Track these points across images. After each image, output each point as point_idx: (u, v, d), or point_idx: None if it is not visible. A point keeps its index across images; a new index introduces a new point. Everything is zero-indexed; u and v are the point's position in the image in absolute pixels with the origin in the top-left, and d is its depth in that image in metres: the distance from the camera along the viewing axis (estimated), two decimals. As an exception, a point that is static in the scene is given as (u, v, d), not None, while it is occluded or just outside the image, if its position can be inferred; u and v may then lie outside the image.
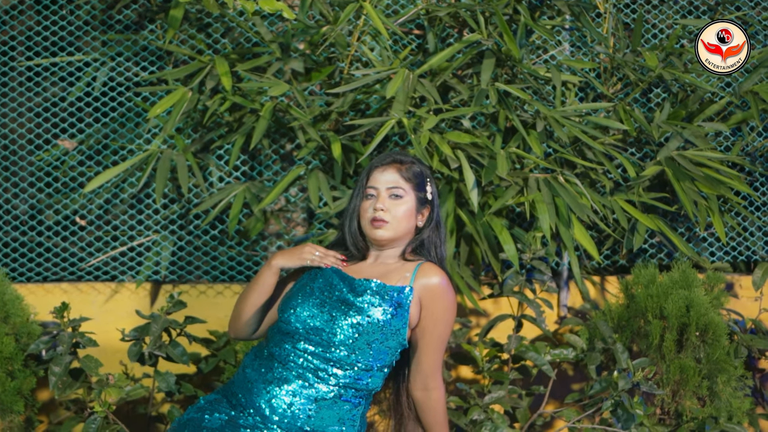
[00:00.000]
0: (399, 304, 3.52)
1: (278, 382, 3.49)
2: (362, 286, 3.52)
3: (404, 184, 3.61)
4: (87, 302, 5.15)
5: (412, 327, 3.57)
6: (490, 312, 5.42)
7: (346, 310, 3.49)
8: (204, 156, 5.16)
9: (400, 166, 3.63)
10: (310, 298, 3.54)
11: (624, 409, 4.67)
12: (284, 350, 3.52)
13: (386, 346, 3.52)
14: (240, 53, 5.09)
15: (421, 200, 3.64)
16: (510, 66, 5.11)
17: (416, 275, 3.56)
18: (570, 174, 4.97)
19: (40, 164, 5.23)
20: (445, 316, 3.58)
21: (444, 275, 3.58)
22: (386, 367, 3.56)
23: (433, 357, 3.61)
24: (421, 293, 3.55)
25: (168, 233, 5.26)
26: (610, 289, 5.57)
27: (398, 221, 3.59)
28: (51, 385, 4.47)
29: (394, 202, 3.59)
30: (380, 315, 3.50)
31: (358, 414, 3.55)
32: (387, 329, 3.50)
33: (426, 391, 3.62)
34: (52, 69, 5.23)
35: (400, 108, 4.78)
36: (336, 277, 3.57)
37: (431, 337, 3.58)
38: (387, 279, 3.57)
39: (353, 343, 3.49)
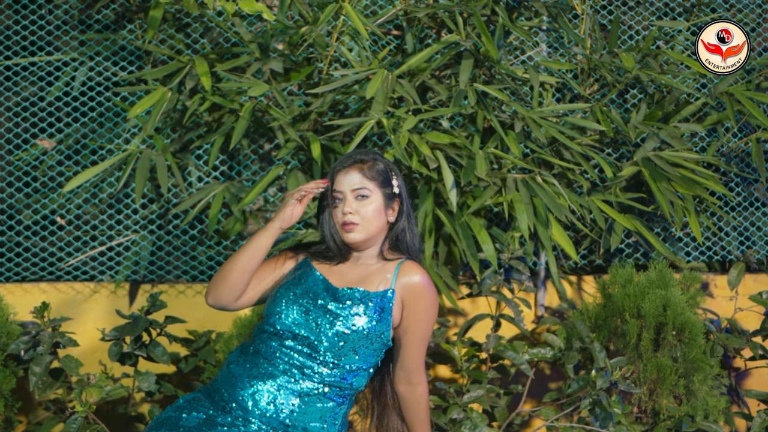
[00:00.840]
0: (382, 308, 3.54)
1: (263, 377, 3.51)
2: (345, 295, 3.54)
3: (369, 183, 3.61)
4: (66, 302, 5.14)
5: (395, 326, 3.60)
6: (468, 311, 5.45)
7: (331, 319, 3.50)
8: (183, 156, 5.17)
9: (362, 165, 3.63)
10: (293, 304, 3.55)
11: (602, 408, 4.70)
12: (270, 347, 3.53)
13: (372, 350, 3.55)
14: (219, 53, 5.10)
15: (389, 195, 3.64)
16: (488, 67, 5.13)
17: (397, 275, 3.57)
18: (548, 174, 5.00)
19: (19, 164, 5.21)
20: (427, 314, 3.61)
21: (425, 273, 3.60)
22: (372, 367, 3.59)
23: (417, 353, 3.64)
24: (402, 293, 3.57)
25: (147, 233, 5.26)
26: (587, 288, 5.61)
27: (368, 221, 3.60)
28: (31, 385, 4.46)
29: (362, 203, 3.60)
30: (365, 323, 3.51)
31: (340, 413, 3.57)
32: (372, 335, 3.52)
33: (410, 386, 3.66)
34: (30, 68, 5.21)
35: (379, 108, 4.80)
36: (320, 286, 3.57)
37: (414, 335, 3.61)
38: (369, 282, 3.58)
39: (339, 350, 3.51)
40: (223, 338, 4.80)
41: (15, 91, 5.21)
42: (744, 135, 5.77)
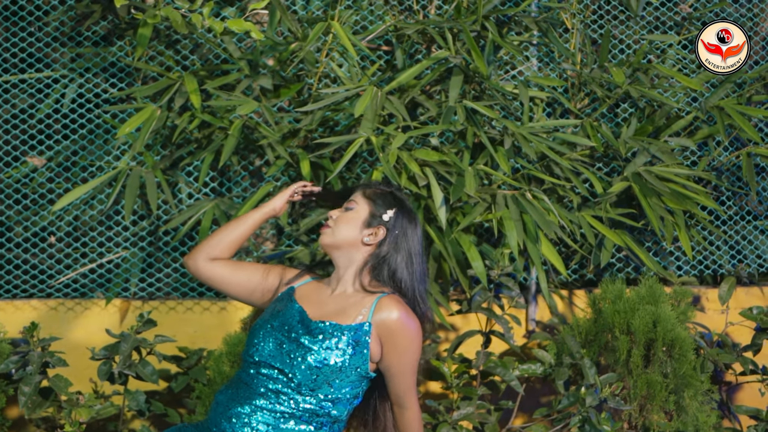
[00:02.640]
0: (356, 342, 3.52)
1: (241, 400, 3.53)
2: (318, 329, 3.53)
3: (360, 199, 3.65)
4: (57, 319, 5.15)
5: (375, 361, 3.58)
6: (459, 327, 5.45)
7: (303, 353, 3.51)
8: (173, 173, 5.17)
9: (367, 188, 3.68)
10: (269, 336, 3.57)
11: (591, 425, 4.70)
12: (249, 374, 3.56)
13: (348, 382, 3.54)
14: (209, 70, 5.10)
15: (375, 217, 3.63)
16: (478, 82, 5.13)
17: (374, 310, 3.55)
18: (538, 190, 5.00)
19: (9, 181, 5.21)
20: (408, 350, 3.57)
21: (402, 307, 3.55)
22: (351, 399, 3.58)
23: (404, 383, 3.62)
24: (379, 330, 3.54)
25: (137, 250, 5.27)
26: (579, 303, 5.61)
27: (338, 227, 3.62)
28: (21, 404, 4.47)
29: (344, 214, 3.64)
30: (337, 358, 3.50)
31: None
32: (346, 369, 3.52)
33: (400, 408, 3.66)
34: (20, 85, 5.21)
35: (368, 126, 4.80)
36: (296, 318, 3.58)
37: (398, 369, 3.59)
38: (345, 315, 3.56)
39: (313, 383, 3.51)
40: (213, 356, 4.80)
41: (5, 108, 5.21)
42: (735, 149, 5.77)
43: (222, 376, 4.69)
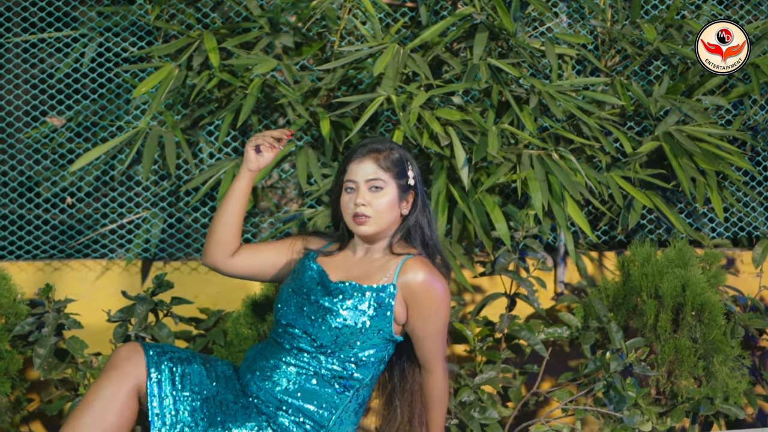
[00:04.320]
0: (379, 303, 3.48)
1: (268, 355, 3.56)
2: (338, 289, 3.49)
3: (383, 175, 3.54)
4: (77, 280, 5.11)
5: (401, 323, 3.53)
6: (486, 289, 5.35)
7: (324, 314, 3.49)
8: (194, 132, 5.10)
9: (378, 155, 3.57)
10: (291, 300, 3.58)
11: (615, 390, 4.60)
12: (278, 333, 3.58)
13: (371, 344, 3.51)
14: (230, 28, 5.01)
15: (404, 187, 3.58)
16: (505, 39, 5.01)
17: (400, 272, 3.51)
18: (565, 150, 4.88)
19: (29, 141, 5.17)
20: (435, 311, 3.54)
21: (428, 269, 3.51)
22: (376, 362, 3.54)
23: (431, 346, 3.59)
24: (404, 292, 3.50)
25: (158, 210, 5.21)
26: (609, 265, 5.48)
27: (380, 215, 3.54)
28: (36, 366, 4.45)
29: (375, 195, 3.54)
30: (358, 318, 3.47)
31: (341, 404, 3.53)
32: (367, 331, 3.48)
33: (426, 373, 3.66)
34: (40, 45, 5.16)
35: (389, 84, 4.70)
36: (315, 279, 3.56)
37: (424, 332, 3.55)
38: (370, 278, 3.53)
39: (334, 344, 3.49)
40: (231, 317, 4.74)
41: (24, 68, 5.16)
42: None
43: (240, 338, 4.64)
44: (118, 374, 3.45)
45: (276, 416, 3.50)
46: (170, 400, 3.47)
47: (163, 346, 3.59)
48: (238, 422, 3.48)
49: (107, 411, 3.41)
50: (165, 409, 3.47)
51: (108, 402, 3.41)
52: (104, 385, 3.43)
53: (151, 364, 3.48)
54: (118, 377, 3.45)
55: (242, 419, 3.49)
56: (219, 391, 3.54)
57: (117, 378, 3.44)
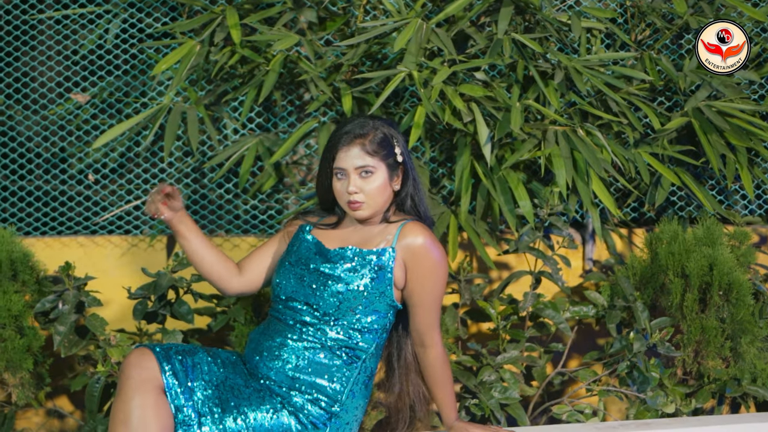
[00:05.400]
0: (379, 266, 3.54)
1: (273, 334, 3.59)
2: (338, 255, 3.53)
3: (371, 160, 3.58)
4: (103, 256, 5.13)
5: (401, 288, 3.58)
6: (513, 267, 5.30)
7: (325, 280, 3.53)
8: (217, 108, 5.07)
9: (363, 140, 3.60)
10: (289, 273, 3.61)
11: (639, 371, 4.54)
12: (278, 310, 3.61)
13: (373, 309, 3.55)
14: (254, 3, 4.97)
15: (392, 166, 3.63)
16: (532, 13, 4.92)
17: (399, 236, 3.58)
18: (592, 126, 4.80)
19: (54, 118, 5.18)
20: (432, 275, 3.58)
21: (428, 233, 3.58)
22: (379, 330, 3.58)
23: (426, 316, 3.62)
24: (404, 254, 3.56)
25: (183, 186, 5.21)
26: (638, 242, 5.40)
27: (373, 198, 3.59)
28: (56, 343, 4.47)
29: (366, 180, 3.58)
30: (359, 281, 3.52)
31: (350, 375, 3.56)
32: (370, 294, 3.53)
33: (423, 348, 3.68)
34: (64, 21, 5.15)
35: (411, 60, 4.64)
36: (312, 250, 3.60)
37: (420, 298, 3.59)
38: (368, 243, 3.60)
39: (337, 311, 3.53)
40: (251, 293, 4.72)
41: (48, 44, 5.16)
42: (807, 82, 5.47)
43: (261, 315, 4.63)
44: (136, 382, 3.46)
45: (290, 396, 3.52)
46: (187, 392, 3.48)
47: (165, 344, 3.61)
48: (253, 405, 3.49)
49: (146, 420, 3.42)
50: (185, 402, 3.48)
51: (141, 411, 3.42)
52: (129, 398, 3.44)
53: (161, 359, 3.49)
54: (138, 385, 3.45)
55: (257, 402, 3.50)
56: (228, 376, 3.55)
57: (137, 386, 3.45)
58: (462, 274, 4.95)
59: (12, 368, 4.52)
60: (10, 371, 4.52)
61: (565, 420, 4.59)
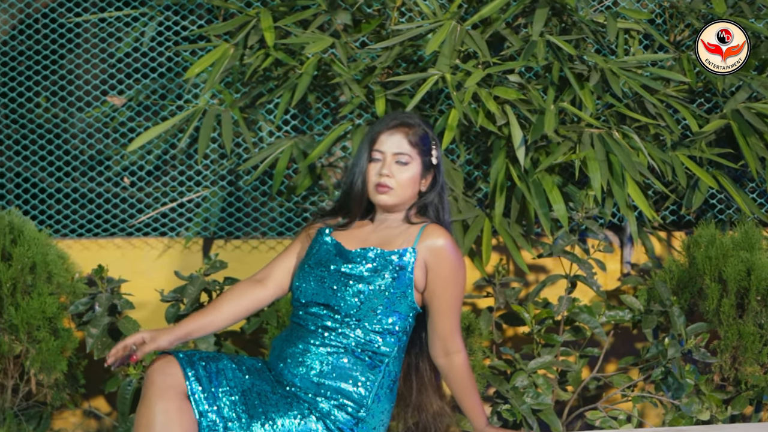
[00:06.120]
0: (400, 267, 3.53)
1: (295, 340, 3.57)
2: (359, 255, 3.53)
3: (410, 150, 3.60)
4: (139, 258, 5.15)
5: (421, 290, 3.58)
6: (550, 270, 5.25)
7: (346, 281, 3.53)
8: (252, 110, 5.08)
9: (408, 129, 3.62)
10: (309, 276, 3.60)
11: (674, 377, 4.48)
12: (299, 316, 3.60)
13: (393, 310, 3.54)
14: (288, 5, 4.97)
15: (427, 165, 3.63)
16: (569, 14, 4.88)
17: (420, 238, 3.56)
18: (628, 129, 4.75)
19: (90, 120, 5.21)
20: (453, 278, 3.57)
21: (449, 237, 3.58)
22: (400, 332, 3.56)
23: (448, 320, 3.60)
24: (425, 255, 3.55)
25: (218, 189, 5.22)
26: (677, 245, 5.33)
27: (402, 188, 3.59)
28: (88, 346, 4.50)
29: (400, 168, 3.58)
30: (380, 281, 3.52)
31: (375, 380, 3.54)
32: (390, 294, 3.52)
33: (447, 356, 3.62)
34: (100, 24, 5.18)
35: (445, 62, 4.62)
36: (332, 252, 3.60)
37: (442, 300, 3.57)
38: (389, 244, 3.58)
39: (358, 311, 3.51)
40: (285, 298, 4.73)
41: (85, 47, 5.20)
42: None
43: (293, 319, 4.63)
44: (160, 388, 3.46)
45: (316, 403, 3.50)
46: (211, 398, 3.48)
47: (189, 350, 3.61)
48: (281, 412, 3.49)
49: (169, 426, 3.42)
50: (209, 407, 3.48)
51: (164, 417, 3.42)
52: (153, 403, 3.44)
53: (185, 365, 3.49)
54: (162, 390, 3.46)
55: (284, 408, 3.50)
56: (254, 383, 3.55)
57: (160, 392, 3.45)
58: (497, 278, 4.92)
59: (46, 370, 4.56)
60: (45, 373, 4.56)
61: (599, 426, 4.55)
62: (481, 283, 4.98)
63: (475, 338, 4.81)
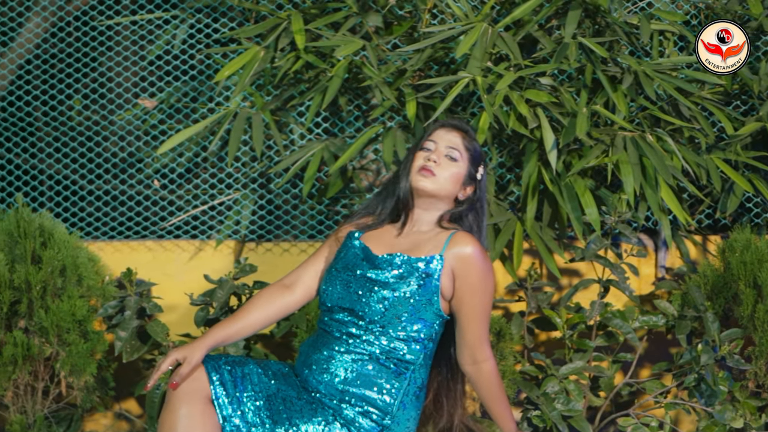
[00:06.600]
0: (427, 274, 3.50)
1: (320, 346, 3.55)
2: (385, 261, 3.49)
3: (463, 151, 3.60)
4: (171, 260, 5.16)
5: (448, 298, 3.54)
6: (583, 274, 5.20)
7: (371, 286, 3.50)
8: (284, 113, 5.07)
9: (465, 135, 3.63)
10: (336, 280, 3.57)
11: (707, 384, 4.42)
12: (324, 322, 3.58)
13: (419, 318, 3.51)
14: (320, 8, 4.95)
15: (471, 175, 3.62)
16: (602, 16, 4.82)
17: (448, 245, 3.52)
18: (663, 132, 4.69)
19: (122, 123, 5.22)
20: (481, 286, 3.53)
21: (478, 245, 3.53)
22: (425, 340, 3.53)
23: (476, 328, 3.56)
24: (452, 263, 3.51)
25: (249, 192, 5.21)
26: (713, 249, 5.26)
27: (444, 180, 3.57)
28: (117, 349, 4.50)
29: (448, 162, 3.58)
30: (406, 288, 3.48)
31: (400, 387, 3.51)
32: (416, 302, 3.48)
33: (475, 364, 3.58)
34: (132, 27, 5.19)
35: (476, 65, 4.58)
36: (360, 256, 3.58)
37: (470, 308, 3.54)
38: (417, 250, 3.55)
39: (383, 317, 3.49)
40: (315, 302, 4.71)
41: (117, 50, 5.20)
42: None
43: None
44: (184, 392, 3.45)
45: (340, 409, 3.48)
46: (235, 402, 3.47)
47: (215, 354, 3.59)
48: (305, 418, 3.47)
49: (192, 430, 3.42)
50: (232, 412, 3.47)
51: (188, 421, 3.42)
52: (176, 407, 3.44)
53: (210, 369, 3.48)
54: (185, 395, 3.45)
55: (309, 414, 3.48)
56: (280, 388, 3.53)
57: (184, 396, 3.45)
58: (529, 282, 4.87)
59: (76, 372, 4.57)
60: (75, 375, 4.57)
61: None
62: (513, 287, 4.94)
63: (506, 343, 4.78)
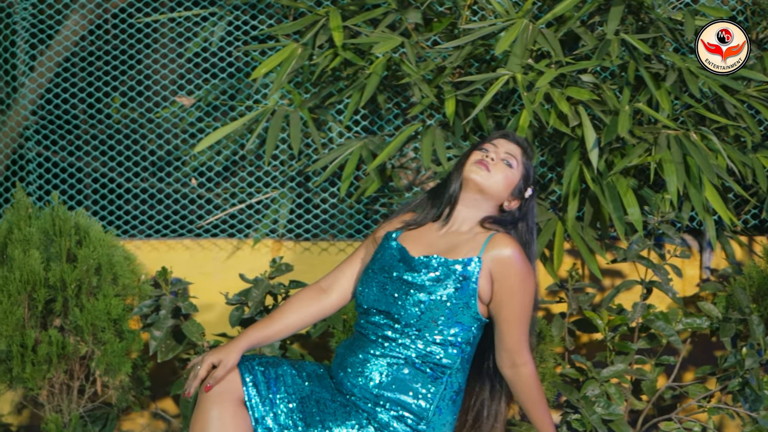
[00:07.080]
0: (464, 277, 3.42)
1: (356, 349, 3.49)
2: (422, 263, 3.43)
3: (520, 163, 3.55)
4: (208, 259, 5.13)
5: (486, 302, 3.46)
6: (626, 275, 5.11)
7: (407, 289, 3.43)
8: (322, 111, 5.02)
9: (524, 150, 3.58)
10: (372, 281, 3.52)
11: (751, 389, 4.32)
12: (360, 324, 3.53)
13: (456, 321, 3.44)
14: (359, 4, 4.89)
15: (520, 189, 3.56)
16: (646, 11, 4.73)
17: (486, 247, 3.44)
18: (707, 130, 4.59)
19: (159, 121, 5.20)
20: (521, 288, 3.45)
21: (517, 246, 3.45)
22: (462, 344, 3.46)
23: (516, 332, 3.48)
24: (491, 265, 3.43)
25: (287, 190, 5.17)
26: (759, 250, 5.15)
27: (497, 179, 3.51)
28: (151, 349, 4.48)
29: (504, 166, 3.52)
30: (443, 291, 3.41)
31: (436, 392, 3.45)
32: (453, 305, 3.42)
33: (514, 368, 3.50)
34: (170, 24, 5.16)
35: (516, 62, 4.51)
36: (396, 257, 3.51)
37: (509, 311, 3.45)
38: (455, 252, 3.47)
39: (418, 320, 3.42)
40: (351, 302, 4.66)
41: (154, 48, 5.18)
42: None
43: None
44: (215, 393, 3.41)
45: (375, 413, 3.43)
46: (268, 404, 3.42)
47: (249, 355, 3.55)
48: (339, 421, 3.42)
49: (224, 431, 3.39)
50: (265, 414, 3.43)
51: (219, 423, 3.39)
52: (208, 408, 3.40)
53: (243, 370, 3.44)
54: (217, 396, 3.41)
55: (342, 417, 3.43)
56: (314, 390, 3.48)
57: (216, 397, 3.41)
58: (570, 283, 4.79)
59: (111, 371, 4.55)
60: (110, 374, 4.55)
61: (672, 438, 4.41)
62: (554, 288, 4.86)
63: (546, 345, 4.70)
